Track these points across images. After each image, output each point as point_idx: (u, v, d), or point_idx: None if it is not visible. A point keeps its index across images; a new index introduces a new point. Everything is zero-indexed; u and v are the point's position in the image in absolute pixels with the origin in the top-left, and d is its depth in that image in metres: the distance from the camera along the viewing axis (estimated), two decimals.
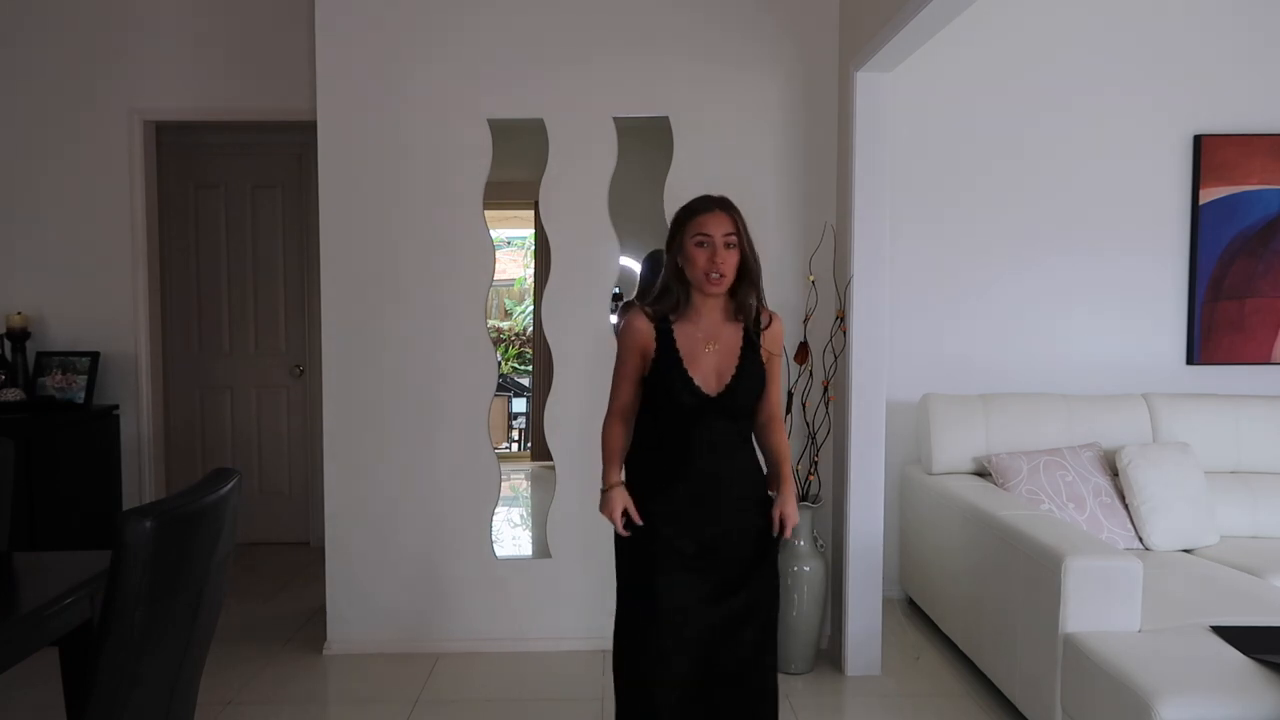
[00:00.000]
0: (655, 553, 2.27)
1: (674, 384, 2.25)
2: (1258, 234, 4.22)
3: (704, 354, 2.27)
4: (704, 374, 2.26)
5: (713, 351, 2.28)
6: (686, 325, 2.30)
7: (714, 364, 2.27)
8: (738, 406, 2.28)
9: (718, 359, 2.28)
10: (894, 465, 4.07)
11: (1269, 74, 4.21)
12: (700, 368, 2.26)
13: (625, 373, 2.36)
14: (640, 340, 2.31)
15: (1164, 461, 3.60)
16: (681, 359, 2.26)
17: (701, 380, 2.25)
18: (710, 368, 2.27)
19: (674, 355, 2.26)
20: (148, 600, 1.62)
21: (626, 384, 2.36)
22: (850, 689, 3.37)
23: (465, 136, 3.58)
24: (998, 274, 4.24)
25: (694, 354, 2.27)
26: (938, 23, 2.82)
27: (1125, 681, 2.36)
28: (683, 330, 2.29)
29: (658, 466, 2.32)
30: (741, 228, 2.28)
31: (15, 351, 4.12)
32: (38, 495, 3.79)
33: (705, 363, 2.27)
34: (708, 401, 2.25)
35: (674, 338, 2.28)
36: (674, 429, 2.29)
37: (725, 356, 2.28)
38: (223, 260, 5.15)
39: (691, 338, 2.28)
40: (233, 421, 5.22)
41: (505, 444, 8.64)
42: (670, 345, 2.27)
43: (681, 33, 3.58)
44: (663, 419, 2.31)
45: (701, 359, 2.27)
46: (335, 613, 3.67)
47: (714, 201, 2.30)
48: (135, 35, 4.13)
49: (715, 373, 2.27)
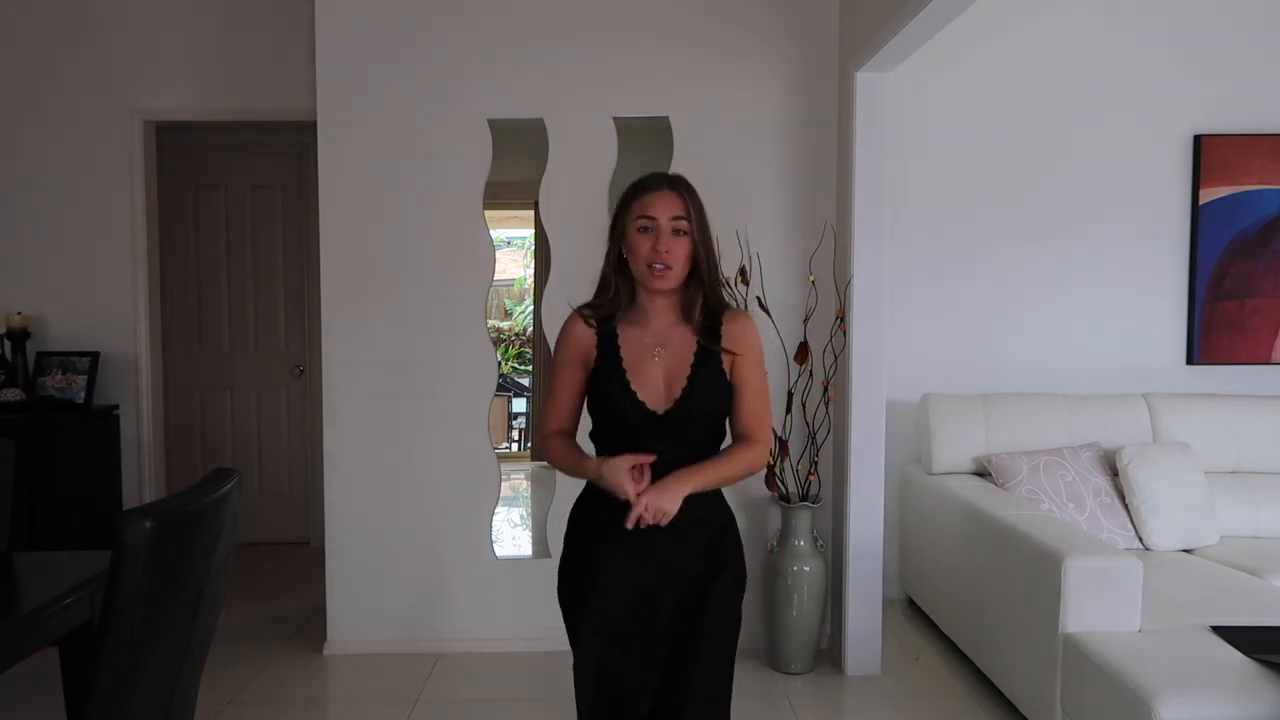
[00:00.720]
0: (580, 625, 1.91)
1: (615, 397, 1.87)
2: (1258, 234, 4.22)
3: (650, 362, 1.87)
4: (650, 386, 1.86)
5: (661, 359, 1.88)
6: (632, 328, 1.92)
7: (662, 374, 1.87)
8: (691, 425, 1.87)
9: (666, 368, 1.87)
10: (894, 465, 4.07)
11: (1269, 74, 4.21)
12: (645, 378, 1.87)
13: (561, 387, 1.97)
14: (579, 347, 1.94)
15: (1164, 461, 3.60)
16: (624, 368, 1.87)
17: (647, 394, 1.86)
18: (657, 378, 1.87)
19: (616, 363, 1.88)
20: (148, 600, 1.62)
21: (563, 400, 1.97)
22: (850, 689, 3.37)
23: (465, 136, 3.58)
24: (997, 273, 4.24)
25: (639, 362, 1.88)
26: (938, 23, 2.82)
27: (1125, 681, 2.36)
28: (628, 334, 1.91)
29: (592, 514, 1.94)
30: (694, 212, 1.87)
31: (15, 351, 4.11)
32: (38, 495, 3.79)
33: (651, 372, 1.87)
34: (654, 420, 1.85)
35: (618, 343, 1.90)
36: (618, 451, 1.86)
37: (676, 365, 1.88)
38: (223, 260, 5.15)
39: (638, 343, 1.90)
40: (233, 421, 5.22)
41: (505, 444, 8.64)
42: (613, 351, 1.89)
43: (682, 33, 3.58)
44: (604, 443, 1.93)
45: (647, 368, 1.87)
46: (335, 613, 3.67)
47: (663, 179, 1.91)
48: (135, 35, 4.13)
49: (664, 384, 1.87)
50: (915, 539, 4.00)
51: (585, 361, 1.94)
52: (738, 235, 3.49)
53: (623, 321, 1.93)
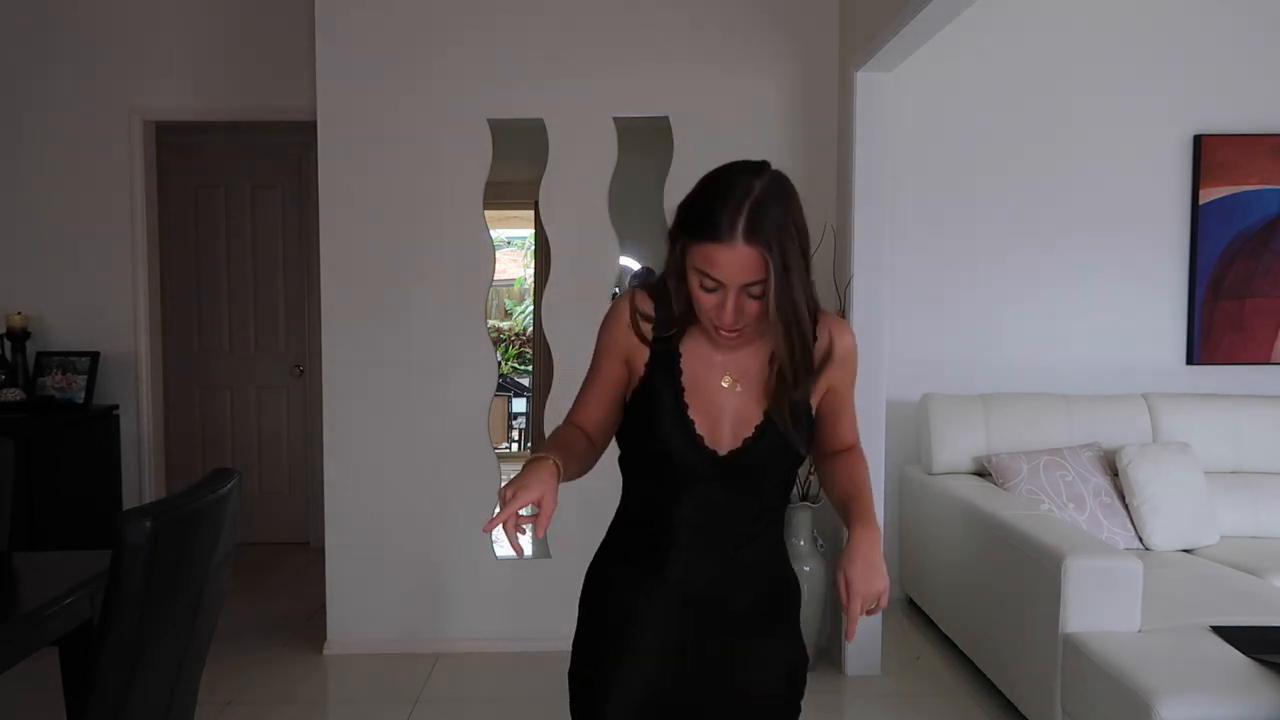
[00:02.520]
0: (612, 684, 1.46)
1: (664, 427, 1.42)
2: (1258, 234, 4.22)
3: (718, 390, 1.43)
4: (711, 420, 1.42)
5: (731, 388, 1.43)
6: (698, 343, 1.44)
7: (730, 409, 1.43)
8: (758, 473, 1.45)
9: (737, 403, 1.43)
10: (894, 465, 4.07)
11: (1269, 74, 4.21)
12: (708, 410, 1.42)
13: (597, 381, 1.51)
14: (625, 340, 1.47)
15: (1164, 461, 3.59)
16: (684, 393, 1.43)
17: (707, 429, 1.42)
18: (725, 411, 1.43)
19: (675, 386, 1.43)
20: (148, 600, 1.62)
21: (596, 394, 1.51)
22: (850, 689, 3.37)
23: (465, 136, 3.58)
24: (998, 273, 4.24)
25: (703, 388, 1.43)
26: (938, 23, 2.82)
27: (1125, 681, 2.36)
28: (692, 351, 1.44)
29: (620, 561, 1.53)
30: (778, 264, 1.30)
31: (15, 351, 4.11)
32: (38, 495, 3.79)
33: (716, 403, 1.43)
34: (712, 462, 1.42)
35: (679, 355, 1.44)
36: (654, 498, 1.47)
37: (748, 402, 1.43)
38: (223, 260, 5.16)
39: (705, 362, 1.44)
40: (233, 421, 5.22)
41: (505, 444, 8.64)
42: (672, 371, 1.43)
43: (682, 33, 3.58)
44: (641, 481, 1.51)
45: (713, 396, 1.43)
46: (335, 613, 3.67)
47: (738, 222, 1.29)
48: (135, 35, 4.13)
49: (731, 420, 1.43)
50: (915, 539, 4.00)
51: (628, 357, 1.47)
52: None
53: (689, 335, 1.44)
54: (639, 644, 1.46)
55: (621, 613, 1.49)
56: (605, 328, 1.51)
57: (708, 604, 1.46)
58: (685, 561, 1.45)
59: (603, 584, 1.55)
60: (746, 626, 1.47)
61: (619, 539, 1.56)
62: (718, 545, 1.46)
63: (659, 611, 1.46)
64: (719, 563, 1.46)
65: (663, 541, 1.46)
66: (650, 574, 1.47)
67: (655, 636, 1.46)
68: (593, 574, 1.59)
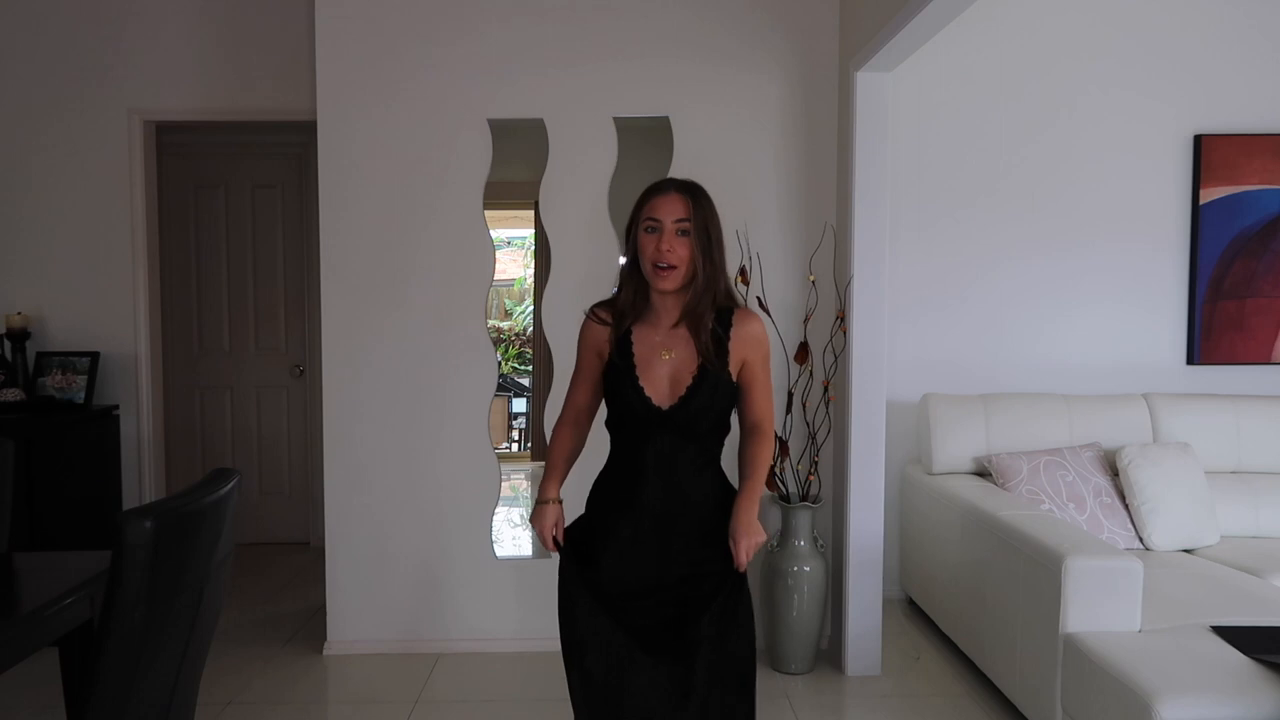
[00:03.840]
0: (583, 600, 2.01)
1: (624, 393, 2.01)
2: (1258, 234, 4.22)
3: (659, 361, 2.00)
4: (656, 384, 1.99)
5: (669, 360, 2.00)
6: (645, 328, 2.05)
7: (668, 374, 2.00)
8: (693, 422, 1.98)
9: (673, 368, 2.00)
10: (894, 465, 4.08)
11: (1269, 74, 4.21)
12: (653, 377, 2.00)
13: (581, 374, 2.17)
14: (596, 341, 2.11)
15: (1164, 461, 3.59)
16: (635, 365, 2.01)
17: (653, 391, 1.99)
18: (664, 375, 2.00)
19: (628, 360, 2.02)
20: (148, 600, 1.62)
21: (582, 386, 2.17)
22: (850, 689, 3.37)
23: (465, 136, 3.59)
24: (997, 273, 4.24)
25: (648, 361, 2.01)
26: (938, 22, 2.83)
27: (1125, 681, 2.36)
28: (641, 334, 2.04)
29: (609, 488, 2.10)
30: (699, 216, 1.97)
31: (15, 351, 4.11)
32: (38, 495, 3.79)
33: (658, 369, 2.00)
34: (658, 415, 1.99)
35: (631, 341, 2.04)
36: (627, 445, 2.05)
37: (682, 364, 2.00)
38: (223, 260, 5.16)
39: (648, 342, 2.03)
40: (233, 421, 5.22)
41: (505, 444, 8.64)
42: (626, 349, 2.03)
43: (681, 33, 3.58)
44: (618, 434, 2.09)
45: (655, 366, 2.00)
46: (335, 613, 3.67)
47: (671, 183, 2.03)
48: (135, 35, 4.13)
49: (669, 382, 1.99)
50: (915, 539, 4.00)
51: (600, 352, 2.11)
52: (738, 235, 3.49)
53: (638, 322, 2.06)
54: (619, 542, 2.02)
55: (605, 524, 2.05)
56: (581, 337, 2.16)
57: (666, 518, 2.00)
58: (650, 488, 2.00)
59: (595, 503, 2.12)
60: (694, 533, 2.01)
61: (608, 474, 2.12)
62: (672, 477, 2.00)
63: (631, 523, 2.01)
64: (673, 489, 2.00)
65: (634, 475, 2.02)
66: (627, 497, 2.02)
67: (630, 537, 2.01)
68: (591, 497, 2.14)
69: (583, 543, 2.09)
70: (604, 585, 2.01)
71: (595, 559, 2.04)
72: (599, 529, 2.06)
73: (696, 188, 2.03)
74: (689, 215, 1.96)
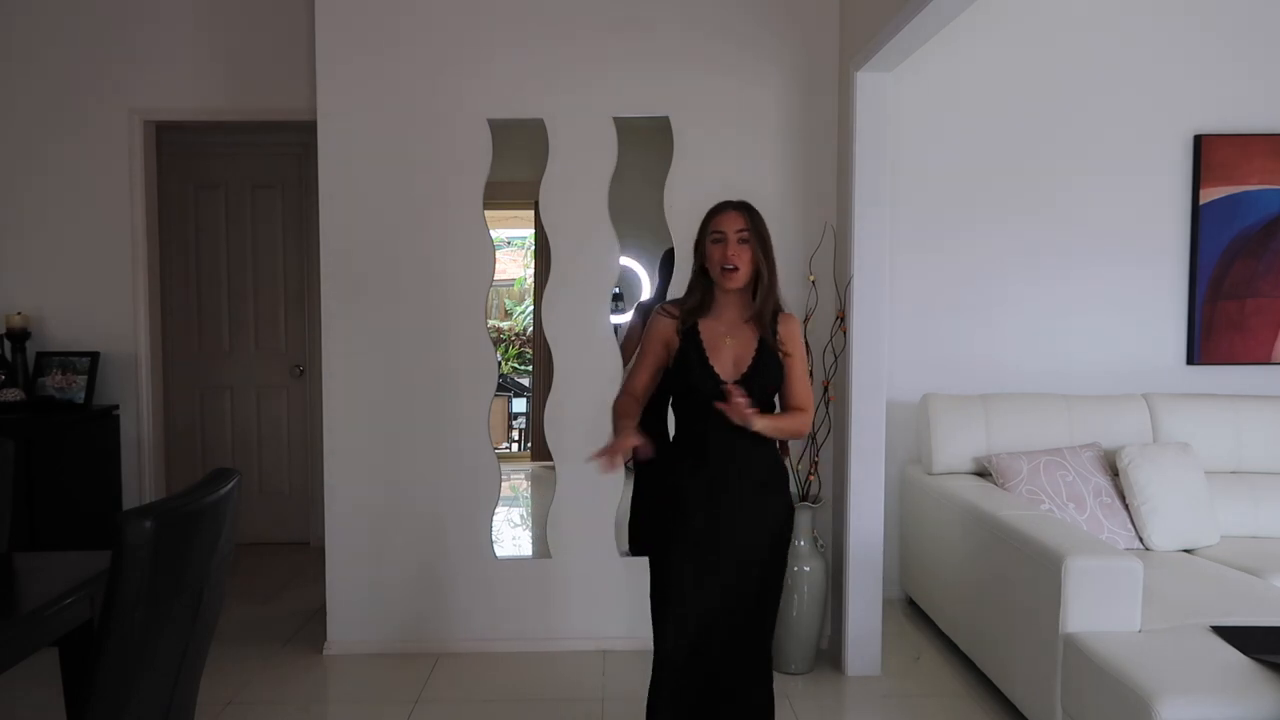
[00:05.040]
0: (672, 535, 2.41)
1: (695, 370, 2.40)
2: (1258, 234, 4.22)
3: (724, 346, 2.42)
4: (723, 363, 2.41)
5: (731, 345, 2.42)
6: (709, 320, 2.47)
7: (732, 355, 2.42)
8: (753, 393, 2.35)
9: (735, 351, 2.42)
10: (894, 465, 4.07)
11: (1269, 74, 4.21)
12: (720, 357, 2.41)
13: (645, 360, 2.51)
14: (665, 333, 2.48)
15: (1164, 461, 3.59)
16: (705, 348, 2.41)
17: (720, 368, 2.40)
18: (729, 358, 2.41)
19: (698, 346, 2.42)
20: (148, 600, 1.62)
21: (644, 370, 2.51)
22: (850, 689, 3.37)
23: (465, 136, 3.59)
24: (998, 273, 4.24)
25: (715, 345, 2.42)
26: (938, 23, 2.83)
27: (1125, 681, 2.36)
28: (706, 326, 2.46)
29: (680, 451, 2.46)
30: (755, 227, 2.43)
31: (15, 351, 4.11)
32: (38, 495, 3.79)
33: (724, 353, 2.42)
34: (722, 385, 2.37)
35: (698, 330, 2.45)
36: (695, 416, 2.43)
37: (743, 349, 2.43)
38: (223, 260, 5.16)
39: (713, 331, 2.45)
40: (233, 421, 5.22)
41: (505, 444, 8.64)
42: (694, 338, 2.44)
43: (682, 34, 3.58)
44: (684, 410, 2.48)
45: (722, 350, 2.42)
46: (335, 613, 3.67)
47: (730, 203, 2.48)
48: (135, 35, 4.13)
49: (733, 362, 2.41)
50: (915, 539, 4.00)
51: (668, 344, 2.47)
52: None
53: (703, 318, 2.47)
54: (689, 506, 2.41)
55: (679, 486, 2.44)
56: (650, 329, 2.52)
57: (727, 481, 2.40)
58: (712, 457, 2.40)
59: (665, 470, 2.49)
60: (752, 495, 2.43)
61: (676, 447, 2.50)
62: (730, 448, 2.39)
63: (702, 483, 2.41)
64: (729, 455, 2.40)
65: (700, 445, 2.42)
66: (696, 463, 2.42)
67: (699, 501, 2.40)
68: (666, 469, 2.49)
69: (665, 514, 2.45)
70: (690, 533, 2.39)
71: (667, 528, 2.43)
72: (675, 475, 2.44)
73: (750, 205, 2.48)
74: (747, 226, 2.42)
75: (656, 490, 2.55)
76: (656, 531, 2.49)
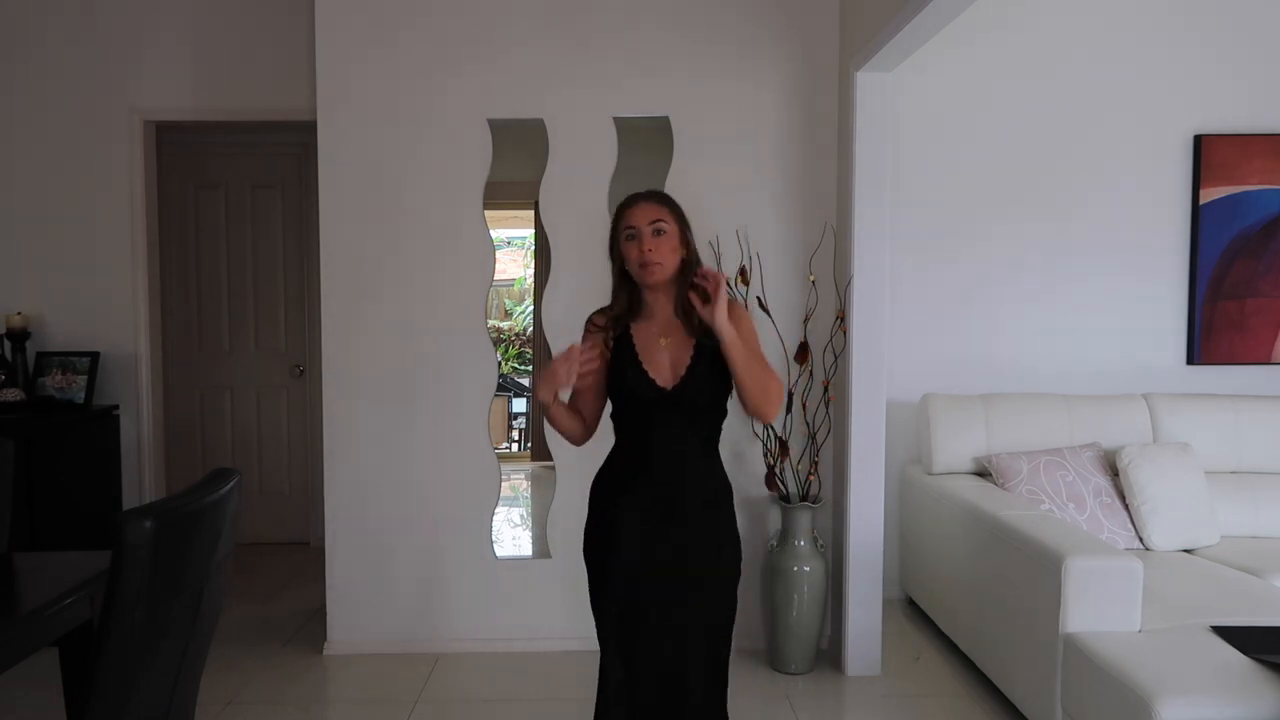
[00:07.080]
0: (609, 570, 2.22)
1: (630, 379, 2.20)
2: (1258, 234, 4.22)
3: (658, 349, 2.22)
4: (658, 368, 2.21)
5: (666, 346, 2.22)
6: (642, 324, 2.26)
7: (668, 359, 2.21)
8: (693, 401, 2.19)
9: (671, 354, 2.21)
10: (894, 465, 4.07)
11: (1269, 74, 4.21)
12: (655, 362, 2.21)
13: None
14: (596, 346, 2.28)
15: (1164, 461, 3.59)
16: (638, 355, 2.22)
17: (656, 373, 2.20)
18: (664, 362, 2.21)
19: (631, 352, 2.23)
20: (148, 600, 1.61)
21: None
22: (850, 689, 3.37)
23: (465, 136, 3.59)
24: (997, 273, 4.24)
25: (649, 350, 2.22)
26: (938, 23, 2.82)
27: (1125, 681, 2.36)
28: (639, 329, 2.26)
29: (621, 469, 2.26)
30: (670, 216, 2.21)
31: (15, 351, 4.11)
32: (38, 495, 3.79)
33: (659, 358, 2.21)
34: (663, 395, 2.18)
35: (631, 337, 2.26)
36: (634, 429, 2.23)
37: (679, 351, 2.22)
38: (223, 260, 5.16)
39: (646, 334, 2.25)
40: (233, 421, 5.22)
41: (505, 444, 8.64)
42: (628, 344, 2.24)
43: (682, 33, 3.58)
44: (624, 420, 2.27)
45: (656, 354, 2.22)
46: (335, 613, 3.67)
47: (639, 195, 2.27)
48: (135, 35, 4.13)
49: (670, 367, 2.21)
50: (915, 539, 4.00)
51: (602, 357, 2.25)
52: (738, 235, 3.50)
53: (635, 320, 2.27)
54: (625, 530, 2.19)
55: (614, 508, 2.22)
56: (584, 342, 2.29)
57: (668, 501, 2.19)
58: (653, 470, 2.19)
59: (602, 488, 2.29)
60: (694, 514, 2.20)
61: (614, 460, 2.29)
62: (674, 459, 2.19)
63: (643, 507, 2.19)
64: (676, 470, 2.19)
65: (641, 458, 2.20)
66: (633, 479, 2.20)
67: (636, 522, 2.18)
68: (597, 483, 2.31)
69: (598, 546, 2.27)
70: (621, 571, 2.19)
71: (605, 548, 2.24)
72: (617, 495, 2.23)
73: (662, 192, 2.30)
74: (661, 215, 2.20)
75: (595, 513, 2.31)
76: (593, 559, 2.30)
